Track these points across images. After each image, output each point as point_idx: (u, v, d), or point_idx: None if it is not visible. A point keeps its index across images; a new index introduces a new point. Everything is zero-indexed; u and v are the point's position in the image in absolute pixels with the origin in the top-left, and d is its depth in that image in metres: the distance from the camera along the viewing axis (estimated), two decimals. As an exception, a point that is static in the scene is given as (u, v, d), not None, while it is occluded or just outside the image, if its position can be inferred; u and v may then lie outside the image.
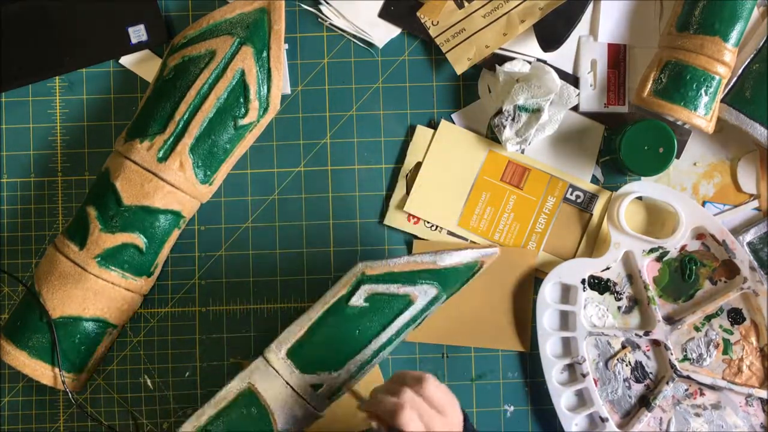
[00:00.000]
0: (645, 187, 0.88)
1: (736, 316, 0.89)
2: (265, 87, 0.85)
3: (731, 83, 0.86)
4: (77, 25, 0.88)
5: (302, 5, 0.90)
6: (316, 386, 0.79)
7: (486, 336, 0.89)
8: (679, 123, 0.86)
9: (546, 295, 0.88)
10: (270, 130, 0.90)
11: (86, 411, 0.89)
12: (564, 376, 0.89)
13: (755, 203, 0.89)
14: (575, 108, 0.89)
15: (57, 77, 0.90)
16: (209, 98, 0.83)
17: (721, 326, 0.89)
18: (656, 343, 0.89)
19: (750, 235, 0.88)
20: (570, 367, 0.89)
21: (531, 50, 0.89)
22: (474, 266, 0.83)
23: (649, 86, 0.85)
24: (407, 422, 0.69)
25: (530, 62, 0.88)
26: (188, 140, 0.83)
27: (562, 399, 0.88)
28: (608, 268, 0.89)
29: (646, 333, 0.88)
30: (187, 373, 0.90)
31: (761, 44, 0.86)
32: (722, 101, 0.86)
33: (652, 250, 0.88)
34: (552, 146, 0.90)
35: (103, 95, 0.90)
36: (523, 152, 0.90)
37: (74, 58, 0.89)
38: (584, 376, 0.88)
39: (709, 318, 0.89)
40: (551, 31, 0.86)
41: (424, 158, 0.89)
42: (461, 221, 0.89)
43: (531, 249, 0.89)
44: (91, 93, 0.90)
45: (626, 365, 0.89)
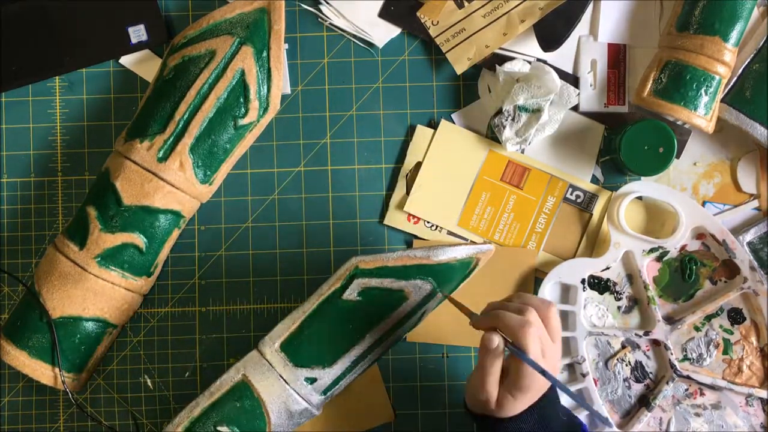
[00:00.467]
0: (645, 187, 0.88)
1: (736, 316, 0.89)
2: (265, 87, 0.85)
3: (731, 83, 0.86)
4: (77, 25, 0.88)
5: (302, 5, 0.90)
6: (310, 380, 0.79)
7: (486, 336, 0.89)
8: (679, 123, 0.86)
9: (546, 295, 0.88)
10: (270, 130, 0.90)
11: (86, 411, 0.89)
12: (564, 376, 0.89)
13: (755, 203, 0.89)
14: (575, 108, 0.89)
15: (57, 77, 0.90)
16: (209, 98, 0.83)
17: (721, 326, 0.89)
18: (656, 343, 0.89)
19: (750, 235, 0.88)
20: (570, 367, 0.89)
21: (531, 50, 0.89)
22: (469, 263, 0.83)
23: (649, 86, 0.85)
24: (532, 341, 0.69)
25: (530, 62, 0.88)
26: (188, 140, 0.83)
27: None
28: (608, 268, 0.89)
29: (646, 333, 0.88)
30: (187, 373, 0.90)
31: (761, 44, 0.86)
32: (722, 101, 0.86)
33: (652, 250, 0.88)
34: (552, 146, 0.90)
35: (103, 95, 0.90)
36: (523, 152, 0.90)
37: (74, 58, 0.89)
38: (584, 376, 0.88)
39: (709, 318, 0.89)
40: (551, 31, 0.86)
41: (424, 158, 0.89)
42: (461, 221, 0.89)
43: (531, 249, 0.89)
44: (91, 93, 0.90)
45: (626, 365, 0.89)
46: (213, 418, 0.79)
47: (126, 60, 0.90)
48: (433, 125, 0.90)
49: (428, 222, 0.89)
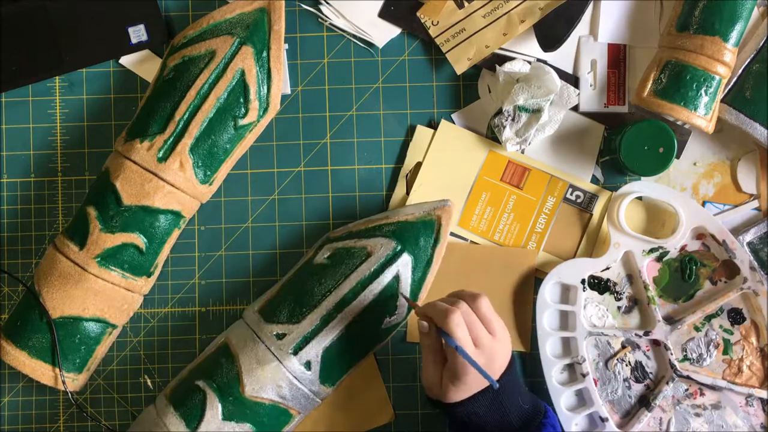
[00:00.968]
0: (645, 187, 0.88)
1: (736, 316, 0.89)
2: (265, 87, 0.85)
3: (731, 83, 0.86)
4: (77, 25, 0.88)
5: (302, 5, 0.90)
6: (279, 336, 0.82)
7: (486, 336, 0.89)
8: (679, 123, 0.86)
9: (546, 295, 0.88)
10: (270, 130, 0.90)
11: (86, 411, 0.89)
12: (564, 376, 0.89)
13: (755, 203, 0.89)
14: (575, 108, 0.89)
15: (57, 77, 0.90)
16: (209, 98, 0.83)
17: (721, 326, 0.89)
18: (656, 343, 0.89)
19: (750, 235, 0.88)
20: (570, 367, 0.89)
21: (531, 50, 0.89)
22: (431, 222, 0.85)
23: (649, 86, 0.85)
24: (455, 326, 0.74)
25: (530, 62, 0.88)
26: (188, 140, 0.83)
27: (562, 399, 0.88)
28: (608, 268, 0.89)
29: (646, 333, 0.88)
30: (187, 373, 0.90)
31: (761, 44, 0.86)
32: (722, 101, 0.86)
33: (652, 250, 0.88)
34: (552, 146, 0.90)
35: (103, 95, 0.90)
36: (523, 152, 0.90)
37: (74, 58, 0.89)
38: (584, 376, 0.88)
39: (709, 318, 0.89)
40: (551, 31, 0.86)
41: (424, 158, 0.89)
42: (461, 221, 0.89)
43: (531, 249, 0.89)
44: (91, 93, 0.90)
45: (626, 365, 0.89)
46: (196, 376, 0.84)
47: (126, 60, 0.90)
48: (433, 125, 0.90)
49: (428, 222, 0.89)
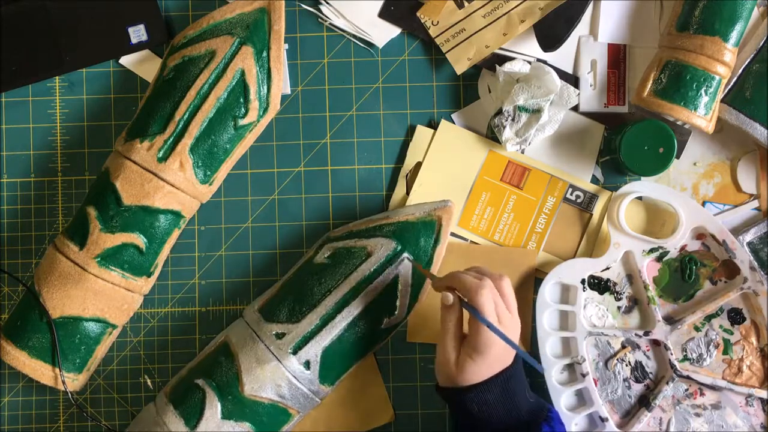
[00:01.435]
0: (645, 187, 0.88)
1: (736, 316, 0.89)
2: (265, 87, 0.85)
3: (731, 83, 0.86)
4: (77, 25, 0.88)
5: (302, 5, 0.90)
6: (279, 335, 0.82)
7: (486, 336, 0.89)
8: (679, 123, 0.86)
9: (546, 295, 0.88)
10: (270, 130, 0.90)
11: (86, 411, 0.89)
12: (564, 376, 0.89)
13: (755, 203, 0.89)
14: (575, 108, 0.89)
15: (57, 77, 0.90)
16: (209, 98, 0.83)
17: (721, 326, 0.89)
18: (656, 343, 0.89)
19: (750, 235, 0.88)
20: (570, 367, 0.89)
21: (531, 50, 0.89)
22: (432, 223, 0.85)
23: (649, 86, 0.85)
24: (486, 301, 0.73)
25: (530, 62, 0.88)
26: (188, 140, 0.83)
27: (562, 399, 0.88)
28: (608, 268, 0.89)
29: (646, 333, 0.88)
30: (187, 373, 0.90)
31: (761, 44, 0.86)
32: (722, 101, 0.86)
33: (652, 250, 0.88)
34: (552, 146, 0.90)
35: (103, 95, 0.90)
36: (523, 152, 0.90)
37: (74, 58, 0.89)
38: (584, 376, 0.88)
39: (709, 318, 0.89)
40: (551, 31, 0.86)
41: (424, 158, 0.89)
42: (461, 221, 0.89)
43: (531, 249, 0.89)
44: (91, 93, 0.90)
45: (626, 365, 0.89)
46: (195, 375, 0.83)
47: (126, 60, 0.90)
48: (433, 125, 0.90)
49: (428, 222, 0.89)
